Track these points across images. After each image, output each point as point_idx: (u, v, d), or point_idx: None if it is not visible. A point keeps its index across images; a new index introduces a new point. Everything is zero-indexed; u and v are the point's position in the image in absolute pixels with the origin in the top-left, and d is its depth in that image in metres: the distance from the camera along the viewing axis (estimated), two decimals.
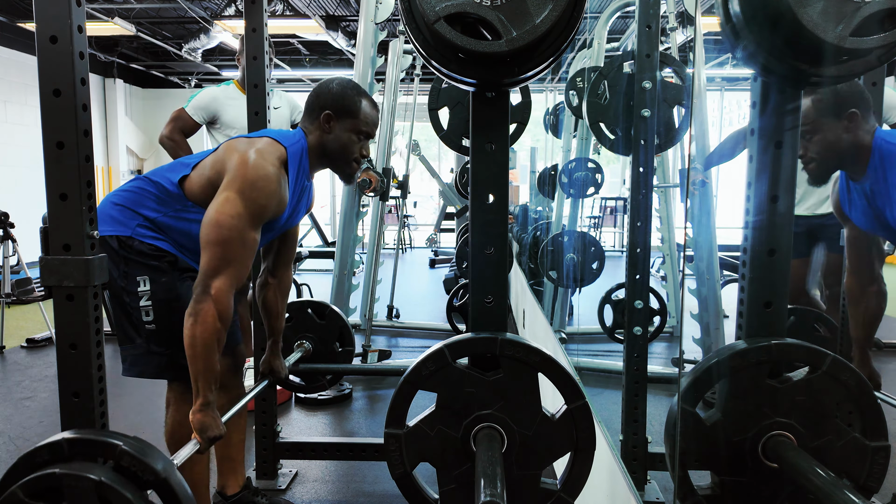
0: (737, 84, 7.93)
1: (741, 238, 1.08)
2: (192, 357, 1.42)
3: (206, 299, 1.42)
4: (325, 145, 1.64)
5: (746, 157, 1.07)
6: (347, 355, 2.29)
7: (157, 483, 1.08)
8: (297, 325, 2.24)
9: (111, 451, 1.08)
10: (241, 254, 1.46)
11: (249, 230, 1.47)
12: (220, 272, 1.43)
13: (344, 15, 7.70)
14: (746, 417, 1.00)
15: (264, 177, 1.48)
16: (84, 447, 1.08)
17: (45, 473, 1.03)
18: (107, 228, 1.57)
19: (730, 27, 0.93)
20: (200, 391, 1.44)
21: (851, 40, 0.80)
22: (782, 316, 1.06)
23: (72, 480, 1.03)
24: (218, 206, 1.45)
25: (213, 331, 1.42)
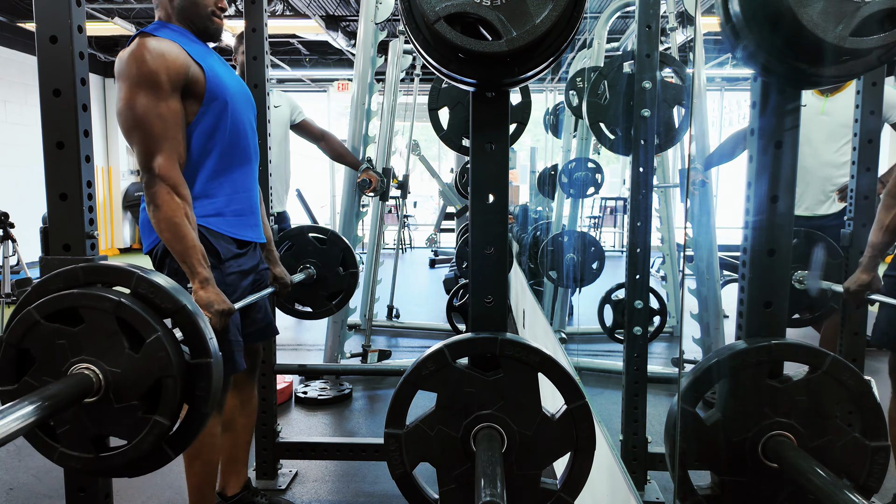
0: (737, 84, 7.93)
1: (741, 238, 1.08)
2: (169, 241, 1.43)
3: (153, 182, 1.43)
4: (176, 7, 1.61)
5: (746, 157, 1.07)
6: (351, 277, 2.26)
7: (174, 311, 1.04)
8: (299, 251, 2.21)
9: (128, 278, 1.04)
10: (162, 127, 1.46)
11: (157, 102, 1.45)
12: (153, 152, 1.44)
13: (344, 15, 7.71)
14: (746, 417, 1.00)
15: (133, 52, 1.46)
16: (100, 275, 1.05)
17: (62, 294, 1.00)
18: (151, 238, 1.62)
19: (730, 27, 0.93)
20: (193, 270, 1.44)
21: (851, 40, 0.79)
22: (782, 316, 1.06)
23: (91, 300, 0.99)
24: (118, 101, 1.46)
25: (175, 205, 1.43)
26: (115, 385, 0.99)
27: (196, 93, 1.54)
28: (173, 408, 1.01)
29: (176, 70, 1.49)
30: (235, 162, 1.65)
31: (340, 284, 2.24)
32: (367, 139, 3.62)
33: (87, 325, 0.99)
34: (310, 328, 4.89)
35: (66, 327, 0.99)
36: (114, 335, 0.99)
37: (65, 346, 0.99)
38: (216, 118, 1.59)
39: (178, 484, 2.31)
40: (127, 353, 0.99)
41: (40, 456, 1.09)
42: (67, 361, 0.99)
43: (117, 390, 0.99)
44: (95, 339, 0.99)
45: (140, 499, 2.22)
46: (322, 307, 2.26)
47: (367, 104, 3.61)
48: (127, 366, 0.99)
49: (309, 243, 2.21)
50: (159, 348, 0.99)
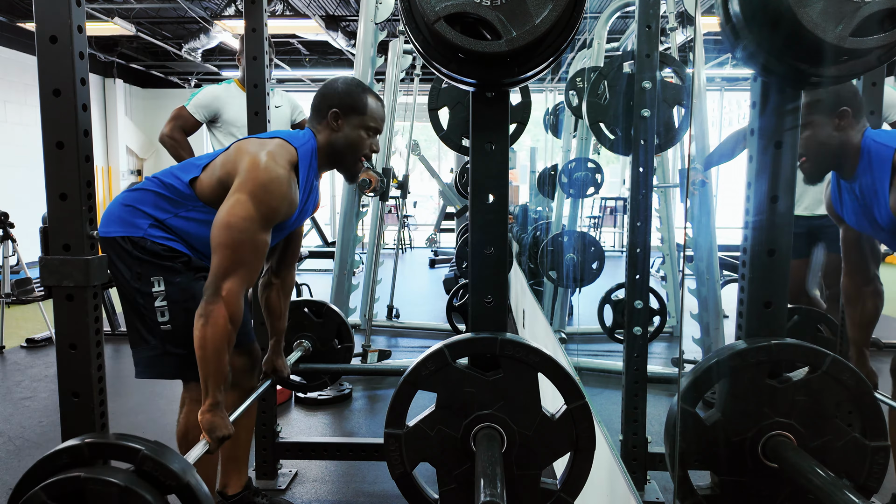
0: (737, 84, 7.93)
1: (741, 238, 1.08)
2: (202, 359, 1.42)
3: (216, 301, 1.42)
4: (335, 143, 1.64)
5: (746, 157, 1.07)
6: (347, 352, 2.29)
7: (178, 488, 1.08)
8: (295, 325, 2.24)
9: (133, 455, 1.07)
10: (251, 256, 1.46)
11: (260, 232, 1.47)
12: (230, 274, 1.43)
13: (344, 15, 7.71)
14: (746, 417, 1.00)
15: (275, 179, 1.47)
16: (105, 451, 1.08)
17: (69, 476, 1.03)
18: (118, 229, 1.57)
19: (730, 27, 0.93)
20: (210, 392, 1.44)
21: (851, 40, 0.80)
22: (782, 316, 1.06)
23: (96, 485, 1.02)
24: (229, 209, 1.45)
25: (223, 333, 1.42)
26: None
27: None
28: None
29: (286, 215, 1.53)
30: None
31: (336, 359, 2.27)
32: None
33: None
34: None
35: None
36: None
37: None
38: None
39: None
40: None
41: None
42: None
43: None
44: None
45: None
46: (317, 380, 2.30)
47: None
48: None
49: (304, 318, 2.25)
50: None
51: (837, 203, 1.53)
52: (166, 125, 2.87)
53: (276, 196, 1.47)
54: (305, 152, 1.60)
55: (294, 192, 1.54)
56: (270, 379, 1.92)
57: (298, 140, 1.60)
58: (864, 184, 1.38)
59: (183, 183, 1.58)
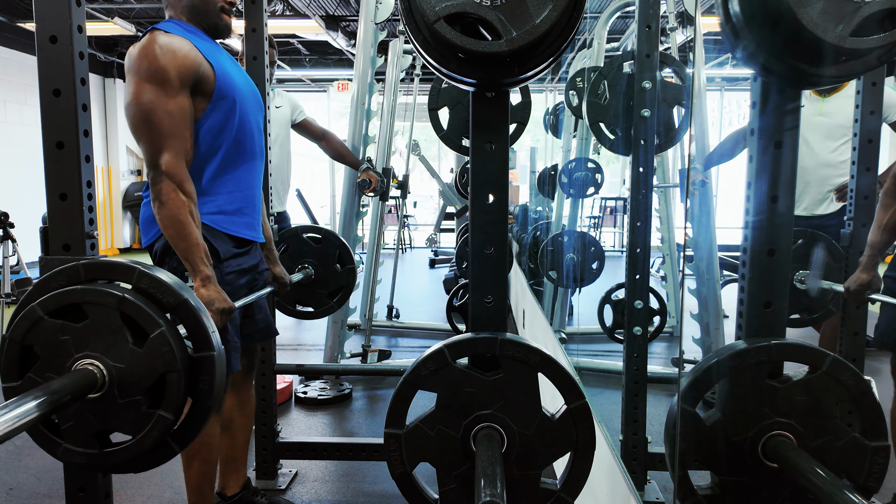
0: (737, 84, 7.94)
1: (741, 238, 1.08)
2: (172, 238, 1.43)
3: (159, 178, 1.43)
4: (186, 5, 1.61)
5: (746, 157, 1.07)
6: (349, 273, 2.27)
7: (176, 305, 1.05)
8: (295, 252, 2.21)
9: (129, 273, 1.04)
10: (170, 123, 1.45)
11: (166, 99, 1.45)
12: (160, 149, 1.43)
13: (344, 15, 7.71)
14: (746, 417, 1.00)
15: (144, 47, 1.46)
16: (101, 271, 1.05)
17: (66, 290, 1.00)
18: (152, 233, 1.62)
19: (729, 27, 0.93)
20: (195, 267, 1.44)
21: (851, 40, 0.79)
22: (782, 316, 1.06)
23: (94, 296, 0.99)
24: (126, 97, 1.46)
25: (180, 203, 1.42)
26: (119, 380, 0.99)
27: (205, 90, 1.54)
28: (177, 402, 1.01)
29: (186, 66, 1.48)
30: (240, 161, 1.65)
31: (339, 281, 2.25)
32: (367, 139, 3.62)
33: (91, 321, 1.00)
34: (310, 328, 4.89)
35: (69, 323, 0.99)
36: (117, 331, 0.99)
37: (68, 342, 0.99)
38: (224, 116, 1.58)
39: (178, 484, 2.31)
40: (131, 349, 0.99)
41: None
42: (71, 357, 0.99)
43: (121, 385, 0.99)
44: (99, 335, 0.99)
45: (140, 499, 2.22)
46: (323, 306, 2.26)
47: (367, 104, 3.61)
48: (131, 361, 0.99)
49: (304, 243, 2.22)
50: (163, 343, 1.00)
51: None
52: None
53: (153, 56, 1.45)
54: (164, 25, 1.56)
55: (178, 45, 1.49)
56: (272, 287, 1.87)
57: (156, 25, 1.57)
58: None
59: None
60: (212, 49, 1.60)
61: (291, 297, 2.25)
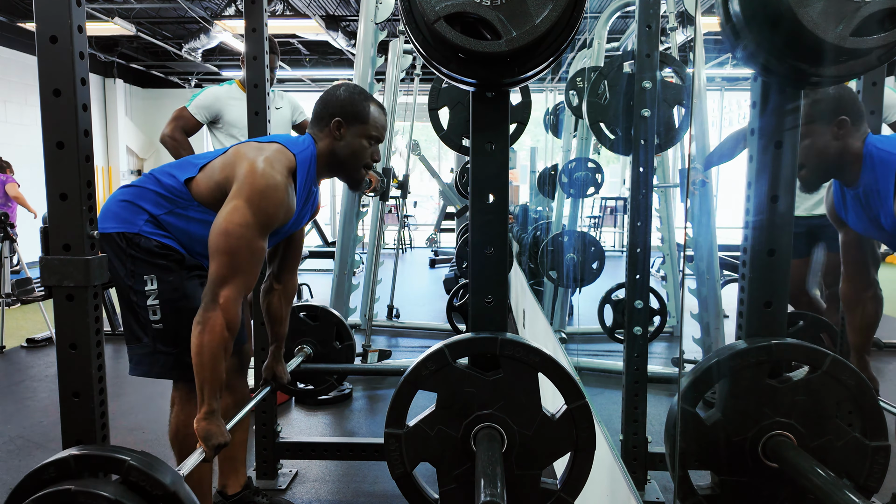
0: (737, 84, 7.93)
1: (741, 238, 1.08)
2: (199, 365, 1.42)
3: (214, 308, 1.42)
4: (336, 152, 1.64)
5: (746, 157, 1.07)
6: (348, 350, 2.28)
7: (165, 497, 1.08)
8: (294, 331, 2.23)
9: (119, 466, 1.07)
10: (249, 262, 1.46)
11: (257, 239, 1.47)
12: (228, 281, 1.43)
13: (344, 15, 7.71)
14: (746, 417, 1.00)
15: (273, 186, 1.47)
16: (91, 463, 1.08)
17: (59, 489, 1.03)
18: (113, 225, 1.56)
19: (730, 27, 0.93)
20: (206, 399, 1.43)
21: (852, 40, 0.80)
22: (782, 316, 1.06)
23: (86, 498, 1.03)
24: (226, 215, 1.45)
25: (220, 340, 1.42)
26: None
27: None
28: None
29: (281, 222, 1.53)
30: None
31: (339, 359, 2.26)
32: None
33: None
34: None
35: None
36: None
37: None
38: None
39: None
40: None
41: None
42: None
43: None
44: None
45: None
46: (323, 384, 2.30)
47: None
48: None
49: (301, 322, 2.24)
50: None
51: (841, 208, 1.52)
52: (167, 125, 2.88)
53: (273, 202, 1.47)
54: (304, 159, 1.60)
55: (291, 198, 1.54)
56: (270, 386, 1.91)
57: (298, 146, 1.60)
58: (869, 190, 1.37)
59: (178, 182, 1.58)
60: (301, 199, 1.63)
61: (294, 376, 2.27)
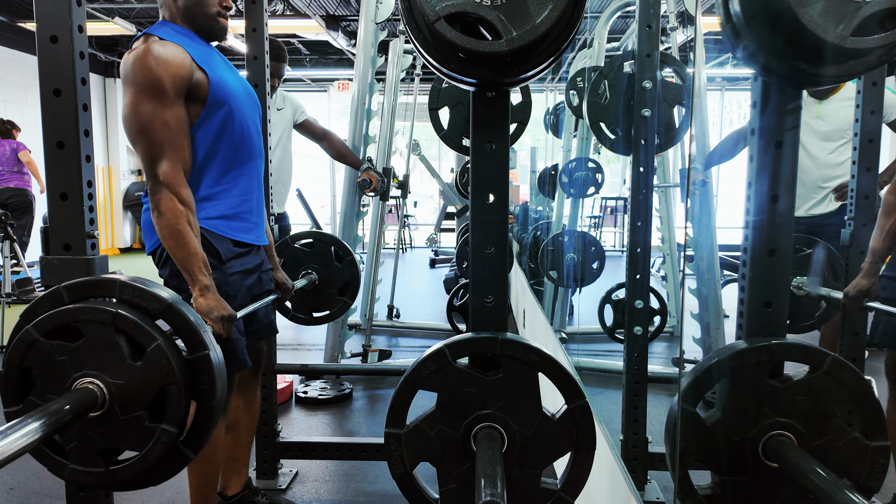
0: (737, 84, 7.93)
1: (741, 238, 1.08)
2: (171, 248, 1.43)
3: (158, 189, 1.43)
4: (181, 7, 1.60)
5: (747, 156, 1.07)
6: (351, 265, 2.28)
7: (163, 311, 1.05)
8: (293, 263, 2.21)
9: (110, 287, 1.04)
10: (167, 134, 1.45)
11: (162, 109, 1.45)
12: (157, 158, 1.44)
13: (344, 15, 7.71)
14: (747, 417, 1.00)
15: (135, 58, 1.46)
16: (83, 290, 1.05)
17: (60, 310, 1.00)
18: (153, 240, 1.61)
19: (730, 27, 0.93)
20: (194, 277, 1.43)
21: (852, 40, 0.79)
22: (782, 316, 1.06)
23: (89, 314, 0.99)
24: (123, 108, 1.46)
25: (178, 213, 1.42)
26: (120, 397, 0.99)
27: (199, 97, 1.53)
28: (179, 414, 1.01)
29: (180, 76, 1.48)
30: (239, 164, 1.65)
31: (344, 277, 2.26)
32: (367, 139, 3.62)
33: (87, 340, 0.99)
34: (310, 328, 4.88)
35: (66, 343, 0.99)
36: (114, 347, 0.99)
37: (66, 362, 0.99)
38: (221, 122, 1.58)
39: (178, 483, 2.31)
40: (128, 364, 0.99)
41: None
42: (70, 377, 0.99)
43: (122, 402, 0.99)
44: (96, 353, 0.99)
45: (140, 499, 2.22)
46: (336, 305, 2.28)
47: (368, 104, 3.61)
48: (130, 377, 0.99)
49: (299, 251, 2.24)
50: (160, 356, 0.99)
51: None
52: None
53: (145, 66, 1.44)
54: (156, 28, 1.56)
55: (172, 53, 1.48)
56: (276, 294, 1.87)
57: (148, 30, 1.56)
58: None
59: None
60: (205, 53, 1.59)
61: (304, 306, 2.27)
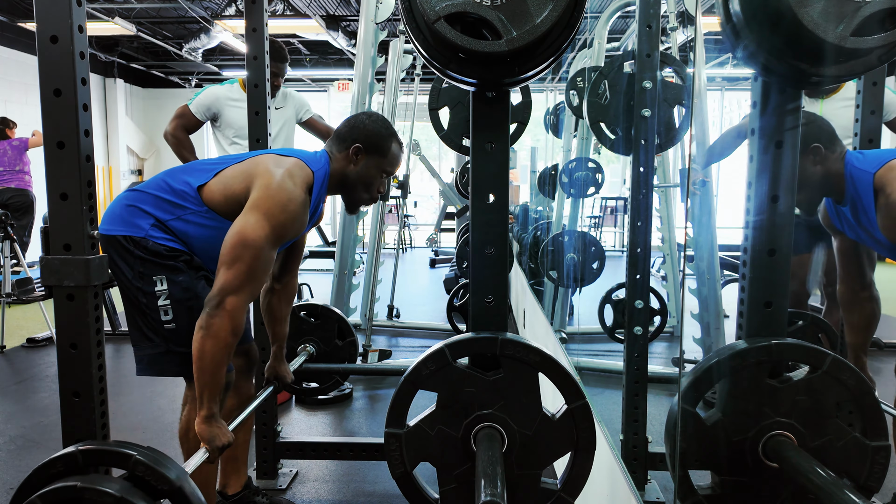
0: (737, 84, 7.93)
1: (741, 238, 1.09)
2: (200, 370, 1.42)
3: (220, 314, 1.41)
4: (349, 176, 1.66)
5: (747, 157, 1.07)
6: (350, 347, 2.29)
7: (171, 492, 1.09)
8: (296, 331, 2.24)
9: (125, 461, 1.08)
10: (259, 272, 1.47)
11: (270, 250, 1.48)
12: (238, 289, 1.43)
13: (344, 15, 7.71)
14: (747, 417, 1.00)
15: (292, 200, 1.49)
16: (98, 458, 1.09)
17: (65, 485, 1.04)
18: (119, 228, 1.56)
19: (730, 27, 0.93)
20: (205, 403, 1.44)
21: (852, 40, 0.80)
22: (782, 316, 1.06)
23: (92, 494, 1.04)
24: (245, 225, 1.45)
25: (224, 346, 1.42)
26: None
27: None
28: None
29: (293, 234, 1.54)
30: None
31: (342, 356, 2.28)
32: None
33: None
34: None
35: None
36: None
37: None
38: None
39: None
40: None
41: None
42: None
43: None
44: None
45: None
46: (328, 381, 2.31)
47: (368, 104, 3.61)
48: None
49: (303, 322, 2.25)
50: None
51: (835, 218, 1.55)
52: (170, 123, 2.91)
53: (291, 216, 1.49)
54: (320, 176, 1.61)
55: (306, 213, 1.56)
56: (273, 386, 1.91)
57: (315, 163, 1.61)
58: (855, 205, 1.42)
59: (191, 187, 1.58)
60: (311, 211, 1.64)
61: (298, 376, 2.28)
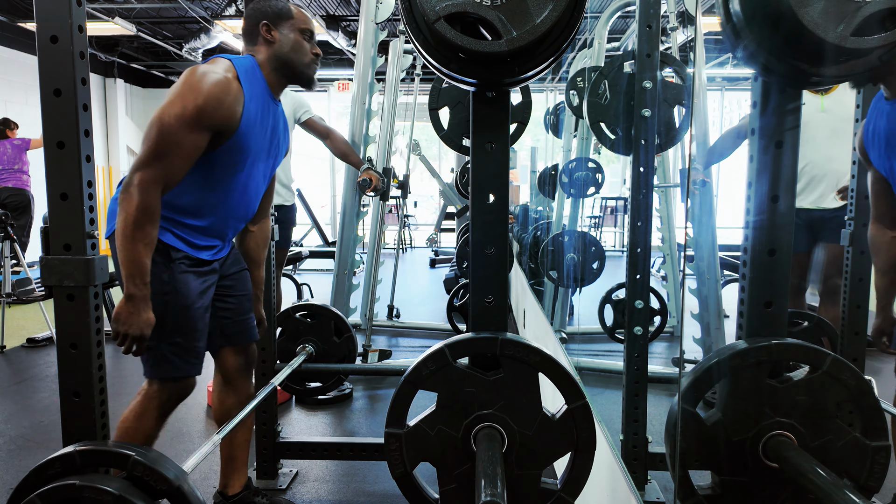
0: (737, 84, 7.93)
1: (741, 238, 1.08)
2: (119, 244, 1.43)
3: (130, 188, 1.43)
4: (277, 54, 1.65)
5: (747, 157, 1.07)
6: (348, 343, 2.31)
7: (169, 492, 1.09)
8: (293, 332, 2.24)
9: (124, 461, 1.08)
10: (173, 153, 1.46)
11: (187, 131, 1.47)
12: (147, 165, 1.44)
13: (344, 15, 7.71)
14: (747, 417, 1.00)
15: (206, 78, 1.48)
16: (96, 458, 1.09)
17: (64, 484, 1.05)
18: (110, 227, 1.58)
19: (730, 27, 0.93)
20: (124, 282, 1.43)
21: (852, 40, 0.79)
22: (783, 316, 1.06)
23: (91, 493, 1.04)
24: (161, 108, 1.47)
25: (133, 220, 1.42)
26: None
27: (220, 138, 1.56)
28: None
29: (220, 117, 1.51)
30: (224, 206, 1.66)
31: (341, 352, 2.31)
32: (367, 139, 3.62)
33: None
34: None
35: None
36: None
37: None
38: (223, 169, 1.60)
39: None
40: None
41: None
42: None
43: None
44: None
45: None
46: (330, 378, 2.34)
47: (368, 104, 3.61)
48: None
49: (299, 322, 2.27)
50: None
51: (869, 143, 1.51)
52: None
53: (204, 93, 1.47)
54: (243, 64, 1.60)
55: (231, 96, 1.52)
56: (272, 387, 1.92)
57: (237, 58, 1.60)
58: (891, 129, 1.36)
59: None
60: (262, 109, 1.62)
61: (298, 376, 2.33)
